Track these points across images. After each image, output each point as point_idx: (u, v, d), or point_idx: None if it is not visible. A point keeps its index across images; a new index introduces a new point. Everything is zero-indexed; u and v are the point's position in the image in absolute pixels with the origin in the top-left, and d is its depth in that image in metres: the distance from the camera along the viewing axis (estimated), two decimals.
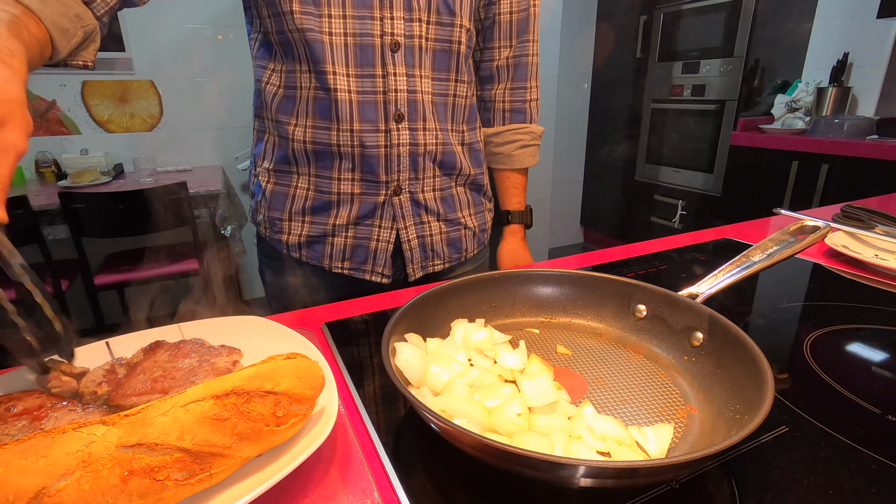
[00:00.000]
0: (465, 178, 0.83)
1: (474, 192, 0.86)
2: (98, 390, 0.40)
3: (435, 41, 0.72)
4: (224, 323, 0.51)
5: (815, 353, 0.51)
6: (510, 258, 0.94)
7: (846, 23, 2.41)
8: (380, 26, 0.67)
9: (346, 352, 0.52)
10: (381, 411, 0.43)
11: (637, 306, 0.52)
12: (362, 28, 0.67)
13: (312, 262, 0.78)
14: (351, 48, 0.67)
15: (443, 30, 0.72)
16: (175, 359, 0.43)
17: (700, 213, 2.78)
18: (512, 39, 0.83)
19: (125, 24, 2.34)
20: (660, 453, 0.36)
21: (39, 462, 0.27)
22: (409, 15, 0.68)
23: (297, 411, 0.34)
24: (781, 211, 0.95)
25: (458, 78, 0.77)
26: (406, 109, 0.71)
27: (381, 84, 0.69)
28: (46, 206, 1.87)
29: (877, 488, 0.34)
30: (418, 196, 0.77)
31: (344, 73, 0.68)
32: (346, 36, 0.67)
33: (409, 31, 0.69)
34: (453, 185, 0.82)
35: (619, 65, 3.21)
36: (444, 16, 0.71)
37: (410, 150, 0.74)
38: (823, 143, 2.13)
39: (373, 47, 0.68)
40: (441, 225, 0.81)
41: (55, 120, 2.41)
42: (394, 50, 0.68)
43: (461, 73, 0.77)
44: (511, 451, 0.29)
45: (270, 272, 0.84)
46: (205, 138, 2.69)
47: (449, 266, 0.85)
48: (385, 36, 0.68)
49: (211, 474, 0.30)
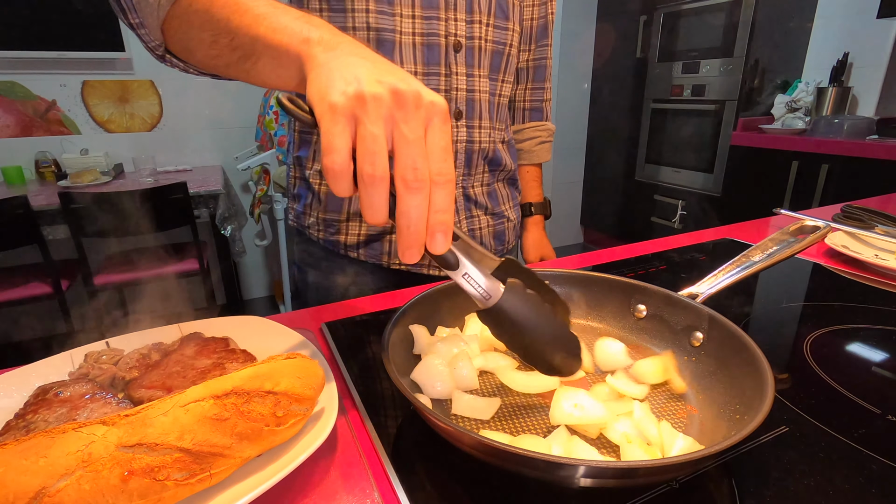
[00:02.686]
0: (507, 174, 0.87)
1: (511, 186, 0.91)
2: (127, 375, 0.42)
3: (492, 42, 0.76)
4: (224, 323, 0.51)
5: (815, 353, 0.51)
6: (535, 248, 0.99)
7: (846, 23, 2.41)
8: (444, 27, 0.70)
9: (346, 352, 0.52)
10: (381, 411, 0.43)
11: (637, 306, 0.52)
12: (429, 28, 0.69)
13: (371, 261, 0.79)
14: (419, 47, 0.70)
15: (498, 32, 0.76)
16: (198, 356, 0.44)
17: (700, 213, 2.78)
18: (532, 44, 0.89)
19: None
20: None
21: (39, 462, 0.27)
22: (471, 17, 0.72)
23: (297, 411, 0.34)
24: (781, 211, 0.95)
25: (506, 78, 0.81)
26: (465, 108, 0.75)
27: (444, 83, 0.72)
28: (46, 206, 1.87)
29: (877, 488, 0.34)
30: (469, 191, 0.81)
31: (412, 71, 0.70)
32: (415, 35, 0.69)
33: (470, 33, 0.73)
34: (496, 180, 0.86)
35: (619, 65, 3.21)
36: (500, 19, 0.75)
37: (466, 147, 0.77)
38: (823, 143, 2.13)
39: (438, 47, 0.71)
40: (488, 218, 0.85)
41: (55, 120, 2.41)
42: (457, 50, 0.72)
43: (508, 73, 0.81)
44: (511, 451, 0.29)
45: (317, 273, 0.83)
46: (205, 138, 2.69)
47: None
48: (449, 36, 0.71)
49: (211, 474, 0.30)
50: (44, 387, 0.40)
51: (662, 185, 3.00)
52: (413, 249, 0.33)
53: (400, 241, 0.33)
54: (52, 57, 2.29)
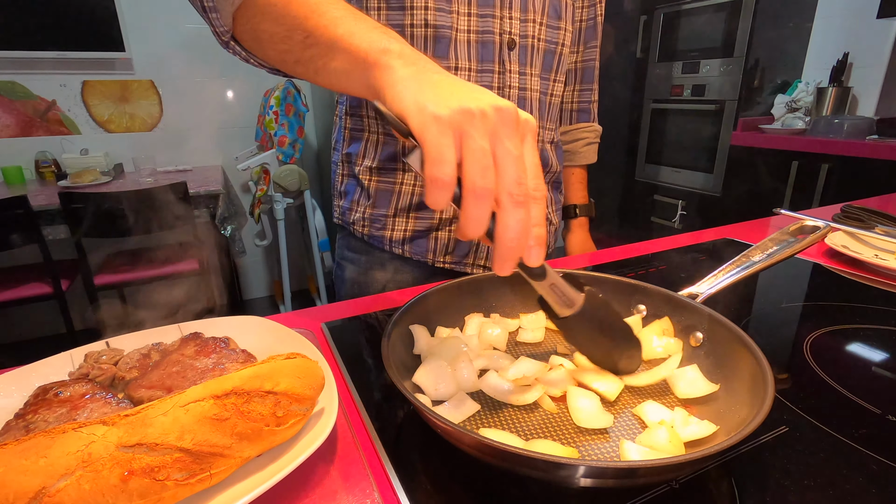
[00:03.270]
0: (552, 175, 0.87)
1: (555, 189, 0.91)
2: (127, 375, 0.42)
3: (544, 42, 0.76)
4: (224, 323, 0.51)
5: (815, 353, 0.51)
6: (580, 249, 0.99)
7: (846, 23, 2.41)
8: (499, 25, 0.71)
9: (346, 352, 0.52)
10: (381, 411, 0.43)
11: (637, 306, 0.52)
12: (484, 26, 0.70)
13: (416, 258, 0.79)
14: (473, 45, 0.70)
15: (551, 32, 0.77)
16: (198, 356, 0.44)
17: (700, 213, 2.78)
18: (580, 45, 0.90)
19: (125, 24, 2.34)
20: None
21: (39, 462, 0.27)
22: (525, 16, 0.72)
23: (297, 411, 0.34)
24: (781, 211, 0.95)
25: (558, 78, 0.81)
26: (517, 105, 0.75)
27: (498, 80, 0.73)
28: (46, 206, 1.87)
29: (877, 488, 0.34)
30: None
31: (466, 68, 0.71)
32: (470, 33, 0.70)
33: (524, 31, 0.73)
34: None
35: (619, 65, 3.21)
36: (552, 19, 0.76)
37: None
38: (823, 143, 2.13)
39: (493, 45, 0.71)
40: None
41: (55, 120, 2.41)
42: (510, 48, 0.72)
43: (560, 73, 0.81)
44: (511, 451, 0.29)
45: (357, 269, 0.84)
46: (205, 138, 2.69)
47: None
48: (504, 34, 0.71)
49: (211, 474, 0.30)
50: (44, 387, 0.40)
51: (662, 185, 3.00)
52: (511, 262, 0.33)
53: (498, 254, 0.33)
54: (52, 57, 2.29)
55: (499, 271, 0.34)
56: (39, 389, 0.39)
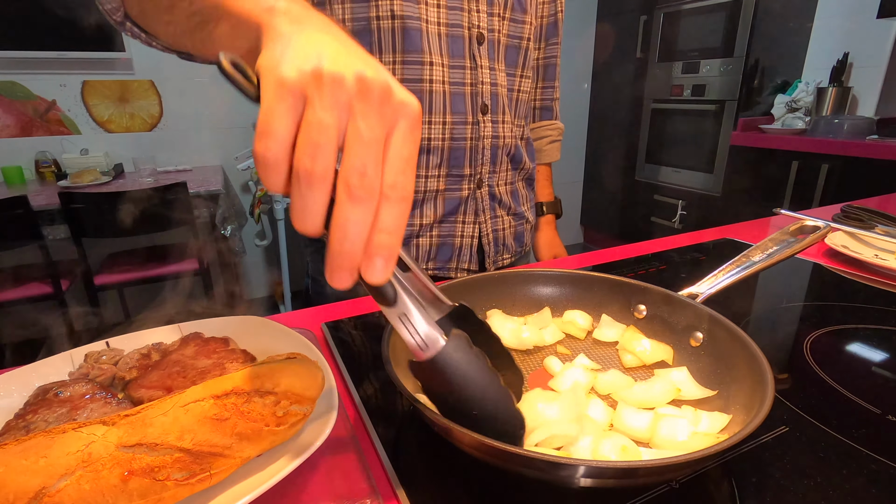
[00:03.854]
0: (525, 173, 0.87)
1: (528, 186, 0.90)
2: (127, 375, 0.42)
3: (509, 37, 0.75)
4: (224, 323, 0.51)
5: (815, 353, 0.51)
6: (548, 247, 0.99)
7: (846, 23, 2.41)
8: (468, 18, 0.69)
9: (346, 352, 0.52)
10: (381, 411, 0.43)
11: (637, 306, 0.52)
12: (454, 19, 0.69)
13: None
14: (444, 38, 0.69)
15: (515, 26, 0.75)
16: (198, 356, 0.44)
17: (700, 213, 2.78)
18: (542, 42, 0.89)
19: None
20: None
21: (39, 462, 0.27)
22: (491, 9, 0.71)
23: (297, 411, 0.34)
24: (781, 211, 0.95)
25: (524, 73, 0.80)
26: (490, 102, 0.74)
27: (470, 76, 0.72)
28: (46, 206, 1.87)
29: (877, 488, 0.34)
30: (495, 190, 0.80)
31: (439, 62, 0.69)
32: (440, 25, 0.68)
33: (491, 25, 0.72)
34: (517, 179, 0.85)
35: (619, 65, 3.21)
36: (517, 13, 0.75)
37: (492, 143, 0.76)
38: (823, 143, 2.13)
39: (462, 39, 0.70)
40: (510, 219, 0.84)
41: (55, 120, 2.41)
42: (479, 42, 0.71)
43: (526, 69, 0.80)
44: (511, 452, 0.29)
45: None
46: (205, 138, 2.69)
47: (514, 259, 0.87)
48: (472, 28, 0.70)
49: (211, 474, 0.30)
50: (44, 387, 0.40)
51: (662, 185, 3.01)
52: (343, 273, 0.27)
53: (329, 261, 0.27)
54: (52, 57, 2.29)
55: (330, 281, 0.27)
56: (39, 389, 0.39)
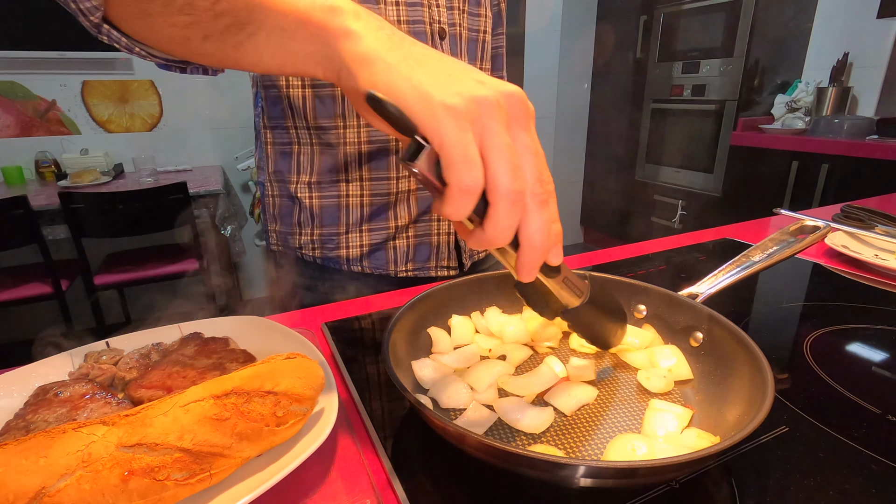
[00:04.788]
0: None
1: None
2: (127, 375, 0.42)
3: (468, 30, 0.74)
4: (224, 323, 0.51)
5: (815, 353, 0.51)
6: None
7: (846, 23, 2.41)
8: (428, 13, 0.68)
9: (346, 352, 0.52)
10: (382, 411, 0.43)
11: (637, 306, 0.52)
12: (414, 15, 0.67)
13: (377, 272, 0.75)
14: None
15: (473, 20, 0.74)
16: (198, 356, 0.44)
17: (700, 213, 2.78)
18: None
19: None
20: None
21: (39, 462, 0.27)
22: (450, 3, 0.70)
23: (297, 411, 0.34)
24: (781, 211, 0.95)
25: (484, 66, 0.80)
26: None
27: None
28: (46, 206, 1.87)
29: (877, 488, 0.34)
30: None
31: None
32: (401, 24, 0.66)
33: (451, 20, 0.71)
34: None
35: (619, 65, 3.21)
36: (473, 6, 0.74)
37: None
38: (823, 143, 2.13)
39: (425, 35, 0.69)
40: None
41: (55, 120, 2.41)
42: (441, 38, 0.70)
43: (486, 61, 0.80)
44: (511, 452, 0.29)
45: (313, 295, 0.78)
46: (205, 138, 2.69)
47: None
48: (433, 24, 0.69)
49: (211, 474, 0.30)
50: (44, 387, 0.40)
51: (662, 185, 3.00)
52: (538, 266, 0.31)
53: (526, 261, 0.30)
54: (52, 57, 2.29)
55: (524, 277, 0.31)
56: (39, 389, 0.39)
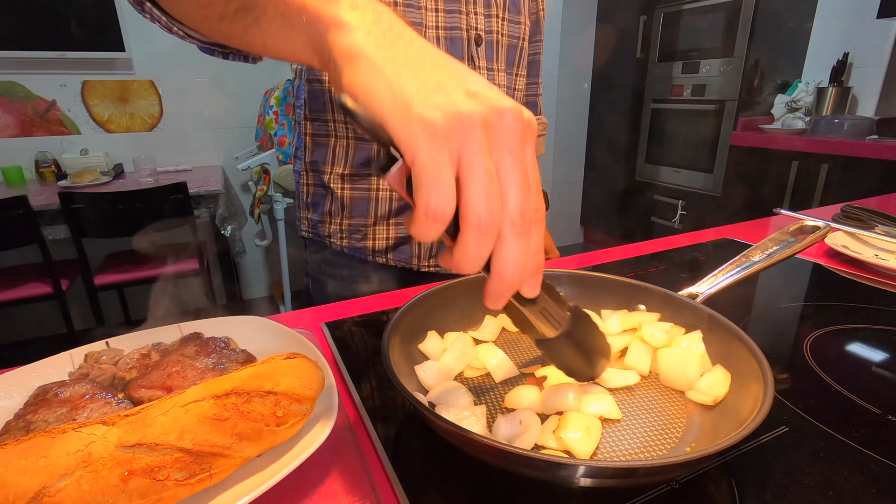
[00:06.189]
0: None
1: None
2: (127, 375, 0.42)
3: (507, 37, 0.76)
4: (224, 323, 0.51)
5: (815, 353, 0.51)
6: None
7: (846, 23, 2.41)
8: (466, 20, 0.70)
9: (346, 352, 0.52)
10: (381, 411, 0.43)
11: (637, 306, 0.52)
12: (451, 22, 0.69)
13: (400, 265, 0.77)
14: (443, 41, 0.70)
15: (513, 26, 0.77)
16: (198, 356, 0.44)
17: (700, 213, 2.78)
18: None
19: (125, 24, 2.34)
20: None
21: (39, 462, 0.27)
22: (488, 11, 0.72)
23: (297, 411, 0.34)
24: (781, 211, 0.95)
25: (520, 73, 0.82)
26: None
27: None
28: (46, 206, 1.87)
29: (877, 488, 0.34)
30: None
31: None
32: (439, 29, 0.69)
33: (489, 27, 0.73)
34: None
35: (619, 65, 3.21)
36: (512, 13, 0.76)
37: None
38: (823, 143, 2.13)
39: (461, 41, 0.71)
40: None
41: (55, 120, 2.41)
42: (478, 44, 0.72)
43: (521, 67, 0.81)
44: (511, 452, 0.29)
45: (338, 283, 0.80)
46: (205, 138, 2.69)
47: None
48: (470, 30, 0.71)
49: (211, 474, 0.30)
50: (44, 387, 0.40)
51: (662, 185, 3.01)
52: (507, 297, 0.29)
53: (493, 290, 0.28)
54: (52, 57, 2.29)
55: (492, 305, 0.29)
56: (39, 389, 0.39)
